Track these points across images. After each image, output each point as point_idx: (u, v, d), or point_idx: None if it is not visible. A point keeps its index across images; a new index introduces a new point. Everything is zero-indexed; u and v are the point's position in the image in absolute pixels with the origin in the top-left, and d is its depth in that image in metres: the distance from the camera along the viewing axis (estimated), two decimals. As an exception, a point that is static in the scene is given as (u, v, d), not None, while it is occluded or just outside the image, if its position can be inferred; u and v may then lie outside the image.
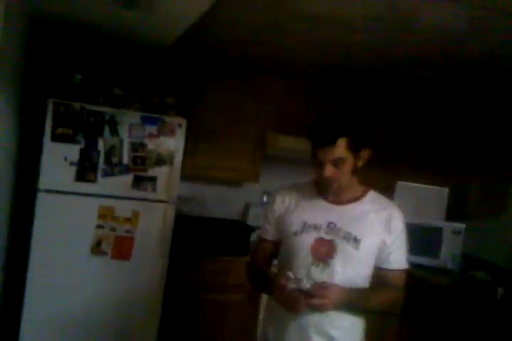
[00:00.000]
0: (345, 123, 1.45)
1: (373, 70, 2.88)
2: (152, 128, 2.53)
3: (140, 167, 2.52)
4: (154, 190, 2.57)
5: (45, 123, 2.34)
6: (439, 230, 3.30)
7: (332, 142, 1.40)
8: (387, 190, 3.46)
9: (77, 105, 2.39)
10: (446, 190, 3.41)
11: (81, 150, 2.40)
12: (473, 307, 2.56)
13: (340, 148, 1.40)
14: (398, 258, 1.55)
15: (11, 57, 2.06)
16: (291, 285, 1.39)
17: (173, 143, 2.58)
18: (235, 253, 2.89)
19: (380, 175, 3.47)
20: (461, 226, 3.29)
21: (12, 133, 2.30)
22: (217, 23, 2.14)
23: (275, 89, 3.10)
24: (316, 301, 1.36)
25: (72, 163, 2.39)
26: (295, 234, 1.52)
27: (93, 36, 2.59)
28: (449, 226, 3.30)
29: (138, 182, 2.53)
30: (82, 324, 2.48)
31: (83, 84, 2.52)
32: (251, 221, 3.33)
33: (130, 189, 2.52)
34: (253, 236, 3.11)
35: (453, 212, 3.40)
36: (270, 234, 1.63)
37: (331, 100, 3.17)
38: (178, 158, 2.61)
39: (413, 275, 3.12)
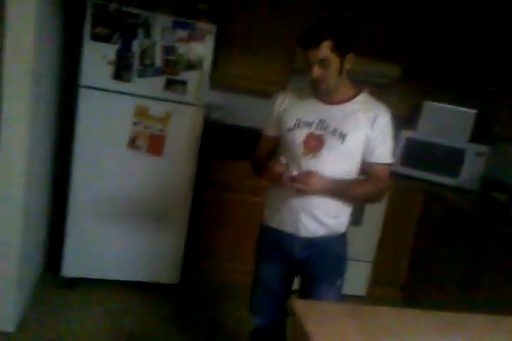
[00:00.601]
0: (328, 26, 1.59)
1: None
2: (183, 33, 2.66)
3: (171, 70, 2.70)
4: (185, 92, 2.76)
5: (84, 23, 2.53)
6: (461, 151, 3.37)
7: (316, 43, 1.54)
8: (415, 109, 3.53)
9: (114, 6, 2.54)
10: (473, 112, 3.42)
11: (117, 50, 2.59)
12: (485, 225, 2.69)
13: (325, 49, 1.54)
14: (382, 153, 1.72)
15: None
16: (282, 170, 1.62)
17: (203, 49, 2.72)
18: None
19: (409, 94, 3.53)
20: (485, 148, 3.34)
21: (57, 33, 2.51)
22: None
23: (304, 3, 3.11)
24: (298, 185, 1.59)
25: (110, 62, 2.61)
26: (290, 129, 1.72)
27: None
28: (472, 148, 3.36)
29: (170, 84, 2.73)
30: (120, 206, 2.84)
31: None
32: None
33: (162, 90, 2.73)
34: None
35: (478, 135, 3.43)
36: (270, 131, 1.85)
37: (361, 17, 3.16)
38: (208, 63, 2.76)
39: (430, 191, 3.30)
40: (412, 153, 3.49)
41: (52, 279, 2.88)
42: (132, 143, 2.79)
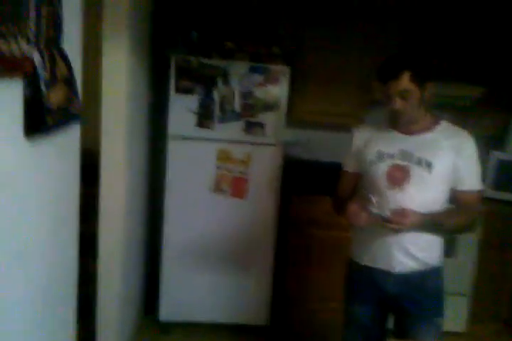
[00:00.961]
0: (405, 57, 1.61)
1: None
2: (259, 77, 2.76)
3: (250, 113, 2.79)
4: (263, 134, 2.83)
5: (169, 78, 2.71)
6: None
7: (396, 76, 1.54)
8: (504, 130, 3.33)
9: (195, 60, 2.70)
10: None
11: (199, 100, 2.73)
12: None
13: (405, 80, 1.54)
14: (472, 179, 1.67)
15: (141, 23, 2.41)
16: (372, 210, 1.58)
17: (279, 90, 2.79)
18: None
19: (495, 114, 3.34)
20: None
21: (145, 87, 2.71)
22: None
23: (374, 34, 3.10)
24: (393, 226, 1.54)
25: (193, 112, 2.75)
26: (371, 162, 1.69)
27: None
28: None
29: (249, 127, 2.81)
30: (208, 249, 2.92)
31: (199, 40, 2.81)
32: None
33: (242, 134, 2.82)
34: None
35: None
36: (350, 167, 1.83)
37: (437, 42, 3.09)
38: (284, 104, 2.82)
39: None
40: (505, 175, 3.27)
41: (150, 323, 2.99)
42: (217, 186, 2.88)
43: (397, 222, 1.54)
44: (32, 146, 1.12)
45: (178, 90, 2.72)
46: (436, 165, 1.62)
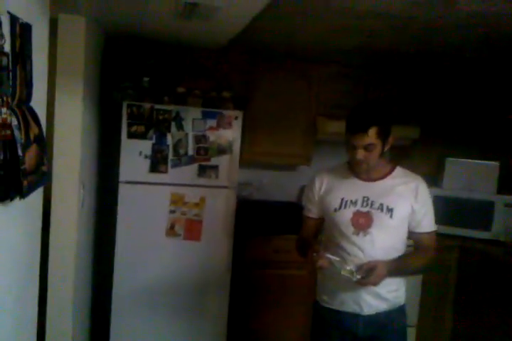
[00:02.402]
0: (376, 114, 1.70)
1: (418, 54, 2.99)
2: (212, 122, 2.81)
3: (203, 157, 2.82)
4: (217, 177, 2.86)
5: (121, 123, 2.69)
6: (490, 203, 3.38)
7: (364, 130, 1.63)
8: (438, 167, 3.60)
9: (147, 105, 2.71)
10: (497, 165, 3.47)
11: (153, 145, 2.73)
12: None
13: (372, 135, 1.65)
14: (428, 222, 1.80)
15: (91, 69, 2.40)
16: (337, 267, 1.64)
17: (231, 134, 2.86)
18: (292, 231, 3.15)
19: (430, 153, 3.61)
20: (513, 198, 3.36)
21: (95, 134, 2.67)
22: (265, 25, 2.36)
23: (322, 77, 3.30)
24: (364, 282, 1.63)
25: (146, 157, 2.74)
26: (335, 210, 1.78)
27: (155, 43, 2.90)
28: (500, 199, 3.38)
29: (202, 170, 2.84)
30: (162, 294, 2.84)
31: (151, 86, 2.84)
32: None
33: (196, 177, 2.83)
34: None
35: (505, 186, 3.46)
36: (313, 213, 1.91)
37: (376, 86, 3.34)
38: (237, 147, 2.88)
39: (465, 247, 3.28)
40: (442, 210, 3.50)
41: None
42: (171, 230, 2.85)
43: (371, 283, 1.63)
44: (4, 210, 1.08)
45: (130, 135, 2.70)
46: (396, 211, 1.73)
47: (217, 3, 1.91)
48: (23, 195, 1.08)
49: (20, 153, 1.06)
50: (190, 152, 2.80)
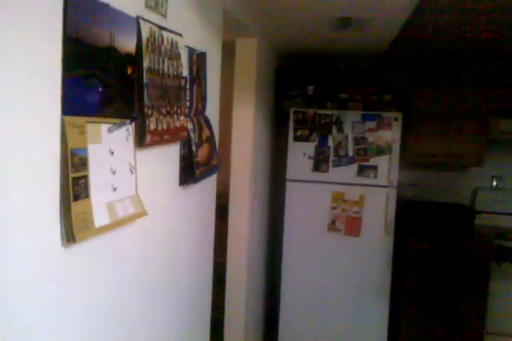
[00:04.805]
0: None
1: None
2: (371, 124, 2.96)
3: (363, 157, 2.98)
4: (376, 176, 2.99)
5: (288, 127, 3.05)
6: None
7: None
8: None
9: (311, 111, 3.02)
10: None
11: (315, 147, 3.02)
12: None
13: None
14: None
15: (264, 83, 2.81)
16: None
17: (391, 135, 2.96)
18: (457, 234, 3.07)
19: None
20: None
21: (267, 137, 3.08)
22: (421, 26, 2.42)
23: (492, 73, 3.12)
24: None
25: (309, 157, 3.04)
26: None
27: (320, 56, 3.20)
28: None
29: (362, 170, 3.00)
30: (324, 287, 3.09)
31: (315, 92, 3.14)
32: (479, 205, 3.39)
33: (355, 176, 3.01)
34: (479, 220, 3.21)
35: None
36: None
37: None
38: (396, 147, 2.96)
39: None
40: None
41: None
42: (332, 225, 3.08)
43: None
44: (184, 191, 1.48)
45: (296, 138, 3.04)
46: None
47: (366, 16, 2.09)
48: (195, 180, 1.46)
49: (193, 149, 1.44)
50: (350, 153, 3.00)
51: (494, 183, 3.47)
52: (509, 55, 3.06)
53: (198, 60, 1.53)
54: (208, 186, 1.72)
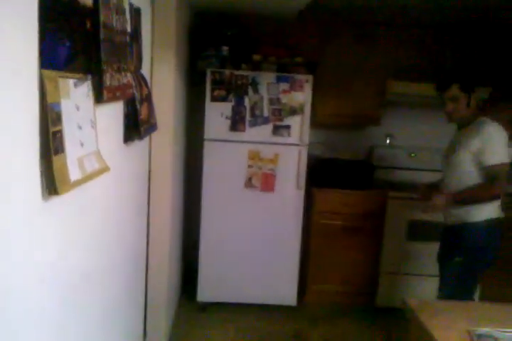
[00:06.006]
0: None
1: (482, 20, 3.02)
2: (285, 85, 3.12)
3: (277, 117, 3.15)
4: (289, 135, 3.19)
5: (205, 88, 3.08)
6: None
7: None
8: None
9: (227, 72, 3.07)
10: None
11: (232, 107, 3.10)
12: None
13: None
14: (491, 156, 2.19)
15: (181, 42, 2.78)
16: None
17: (303, 96, 3.14)
18: (360, 187, 3.43)
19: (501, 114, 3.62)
20: None
21: (184, 97, 3.09)
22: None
23: (391, 40, 3.43)
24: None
25: (226, 117, 3.12)
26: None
27: (233, 16, 3.23)
28: None
29: (276, 130, 3.17)
30: (242, 239, 3.29)
31: (230, 54, 3.18)
32: (376, 161, 3.79)
33: (271, 135, 3.18)
34: (376, 174, 3.60)
35: None
36: None
37: (443, 48, 3.41)
38: (308, 108, 3.17)
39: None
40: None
41: (187, 303, 3.38)
42: (249, 182, 3.24)
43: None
44: (127, 148, 1.50)
45: (213, 99, 3.09)
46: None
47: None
48: (141, 137, 1.49)
49: (138, 106, 1.45)
50: (266, 113, 3.14)
51: (387, 141, 3.88)
52: (412, 25, 3.37)
53: (135, 15, 1.51)
54: (145, 144, 1.75)
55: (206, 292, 3.32)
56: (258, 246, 3.31)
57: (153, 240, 2.66)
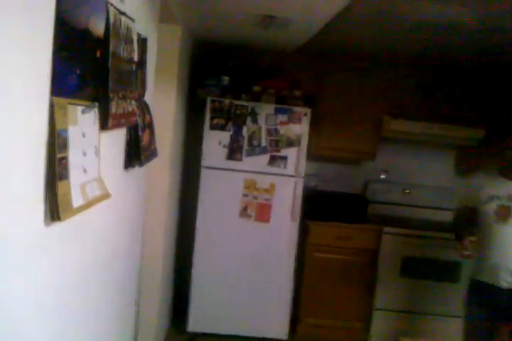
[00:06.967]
0: None
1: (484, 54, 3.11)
2: (283, 117, 3.16)
3: (274, 148, 3.17)
4: (285, 166, 3.20)
5: (205, 116, 3.12)
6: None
7: None
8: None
9: (227, 101, 3.12)
10: None
11: (231, 136, 3.13)
12: None
13: None
14: None
15: (183, 71, 2.84)
16: None
17: (300, 129, 3.18)
18: (353, 220, 3.42)
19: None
20: None
21: (183, 125, 3.12)
22: (337, 29, 2.65)
23: (389, 77, 3.51)
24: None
25: (224, 146, 3.14)
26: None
27: (235, 47, 3.31)
28: None
29: (273, 160, 3.19)
30: (235, 268, 3.24)
31: (230, 84, 3.24)
32: (370, 195, 3.80)
33: (267, 166, 3.19)
34: (370, 208, 3.60)
35: None
36: None
37: (436, 88, 3.51)
38: (304, 140, 3.20)
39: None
40: None
41: (176, 335, 3.29)
42: (244, 211, 3.23)
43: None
44: (127, 174, 1.50)
45: (212, 127, 3.12)
46: None
47: (291, 16, 2.24)
48: (142, 164, 1.49)
49: (140, 133, 1.46)
50: (263, 143, 3.17)
51: (383, 176, 3.91)
52: (406, 65, 3.47)
53: (142, 44, 1.55)
54: (144, 171, 1.75)
55: (197, 322, 3.24)
56: (251, 277, 3.27)
57: (145, 268, 2.63)
